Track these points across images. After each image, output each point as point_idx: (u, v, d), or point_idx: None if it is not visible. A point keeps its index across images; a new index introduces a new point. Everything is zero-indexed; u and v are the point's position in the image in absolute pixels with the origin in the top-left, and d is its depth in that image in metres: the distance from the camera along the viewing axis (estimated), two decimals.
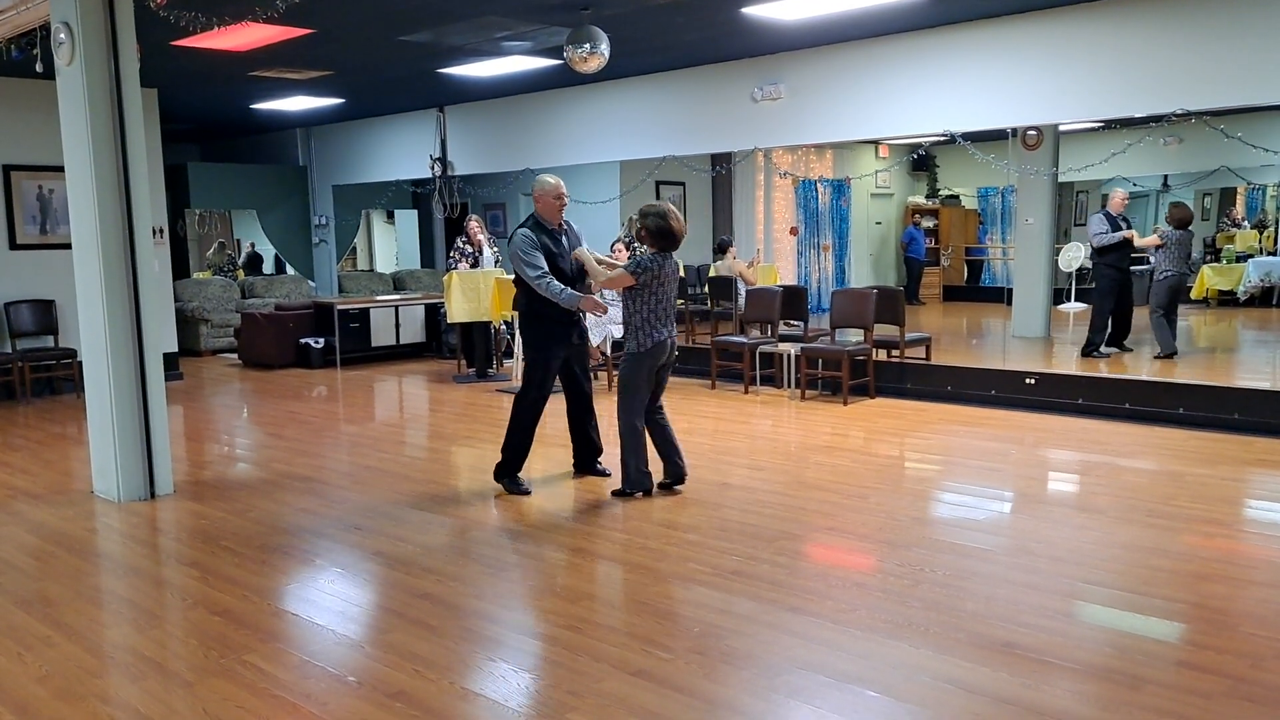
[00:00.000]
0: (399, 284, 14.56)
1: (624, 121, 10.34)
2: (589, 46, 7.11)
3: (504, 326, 10.28)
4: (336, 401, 9.46)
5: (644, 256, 5.40)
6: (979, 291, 15.31)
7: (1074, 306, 12.51)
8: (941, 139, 8.89)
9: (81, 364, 6.17)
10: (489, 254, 9.98)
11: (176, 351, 10.76)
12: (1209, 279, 12.73)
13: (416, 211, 15.49)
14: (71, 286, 5.87)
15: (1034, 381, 7.96)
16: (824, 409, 8.12)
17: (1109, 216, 9.52)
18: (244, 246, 14.86)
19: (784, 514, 5.19)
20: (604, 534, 4.97)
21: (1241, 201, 15.22)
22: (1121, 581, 4.16)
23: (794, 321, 9.55)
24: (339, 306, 11.40)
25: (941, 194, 16.42)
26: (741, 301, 9.81)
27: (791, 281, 12.26)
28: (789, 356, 8.92)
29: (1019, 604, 3.89)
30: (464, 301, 9.69)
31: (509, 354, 10.24)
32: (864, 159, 14.50)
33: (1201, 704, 3.06)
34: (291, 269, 14.59)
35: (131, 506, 5.62)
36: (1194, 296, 12.41)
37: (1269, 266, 12.42)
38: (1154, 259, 9.35)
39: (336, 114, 12.68)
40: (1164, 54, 7.06)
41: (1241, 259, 13.12)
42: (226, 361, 12.09)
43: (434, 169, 12.10)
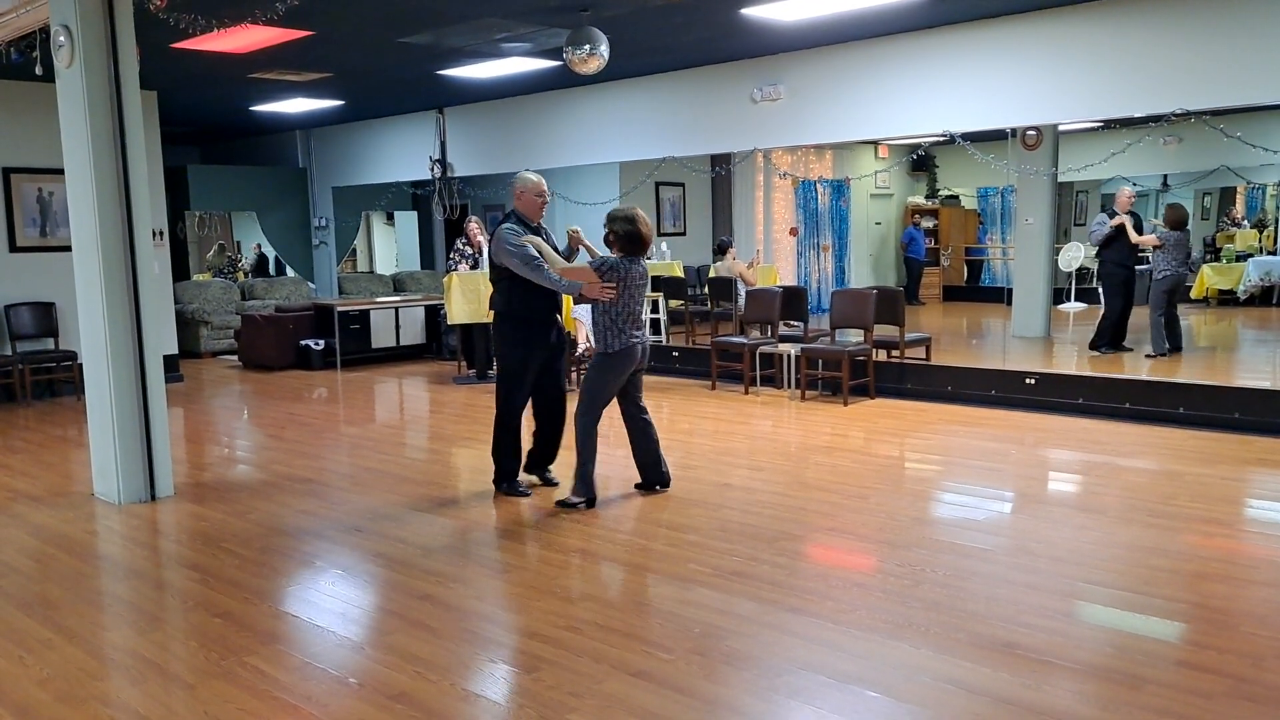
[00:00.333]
0: (399, 285, 14.56)
1: (623, 122, 10.34)
2: (588, 48, 7.11)
3: None
4: (336, 403, 9.46)
5: (611, 257, 5.33)
6: (979, 291, 15.30)
7: (1074, 306, 12.52)
8: (941, 139, 8.88)
9: (81, 366, 6.18)
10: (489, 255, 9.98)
11: (176, 353, 10.76)
12: (1209, 278, 12.74)
13: (416, 213, 15.50)
14: (72, 289, 5.87)
15: (1034, 381, 7.96)
16: (824, 409, 8.12)
17: (1113, 215, 9.52)
18: (247, 249, 14.88)
19: (784, 514, 5.19)
20: (604, 535, 4.97)
21: (1241, 201, 15.23)
22: (1122, 581, 4.16)
23: (794, 322, 9.54)
24: (339, 308, 11.40)
25: (941, 194, 16.40)
26: (741, 302, 9.80)
27: (791, 282, 12.26)
28: (789, 357, 8.92)
29: (1019, 604, 3.89)
30: (464, 303, 9.69)
31: None
32: (863, 159, 14.50)
33: (1202, 704, 3.06)
34: (291, 271, 14.60)
35: (132, 509, 5.62)
36: (1194, 296, 12.42)
37: (1269, 266, 12.44)
38: (1152, 259, 9.36)
39: (336, 116, 12.68)
40: (1164, 54, 7.06)
41: (1241, 258, 13.13)
42: (226, 363, 12.09)
43: (434, 170, 12.10)
